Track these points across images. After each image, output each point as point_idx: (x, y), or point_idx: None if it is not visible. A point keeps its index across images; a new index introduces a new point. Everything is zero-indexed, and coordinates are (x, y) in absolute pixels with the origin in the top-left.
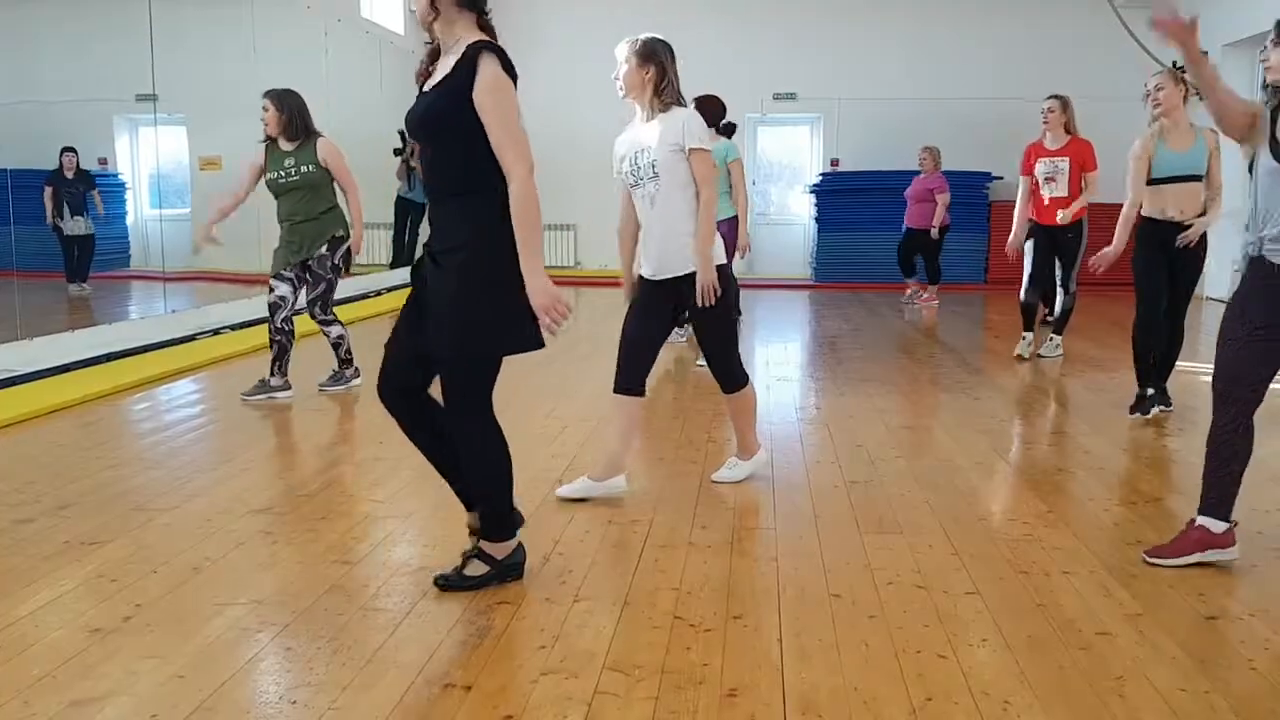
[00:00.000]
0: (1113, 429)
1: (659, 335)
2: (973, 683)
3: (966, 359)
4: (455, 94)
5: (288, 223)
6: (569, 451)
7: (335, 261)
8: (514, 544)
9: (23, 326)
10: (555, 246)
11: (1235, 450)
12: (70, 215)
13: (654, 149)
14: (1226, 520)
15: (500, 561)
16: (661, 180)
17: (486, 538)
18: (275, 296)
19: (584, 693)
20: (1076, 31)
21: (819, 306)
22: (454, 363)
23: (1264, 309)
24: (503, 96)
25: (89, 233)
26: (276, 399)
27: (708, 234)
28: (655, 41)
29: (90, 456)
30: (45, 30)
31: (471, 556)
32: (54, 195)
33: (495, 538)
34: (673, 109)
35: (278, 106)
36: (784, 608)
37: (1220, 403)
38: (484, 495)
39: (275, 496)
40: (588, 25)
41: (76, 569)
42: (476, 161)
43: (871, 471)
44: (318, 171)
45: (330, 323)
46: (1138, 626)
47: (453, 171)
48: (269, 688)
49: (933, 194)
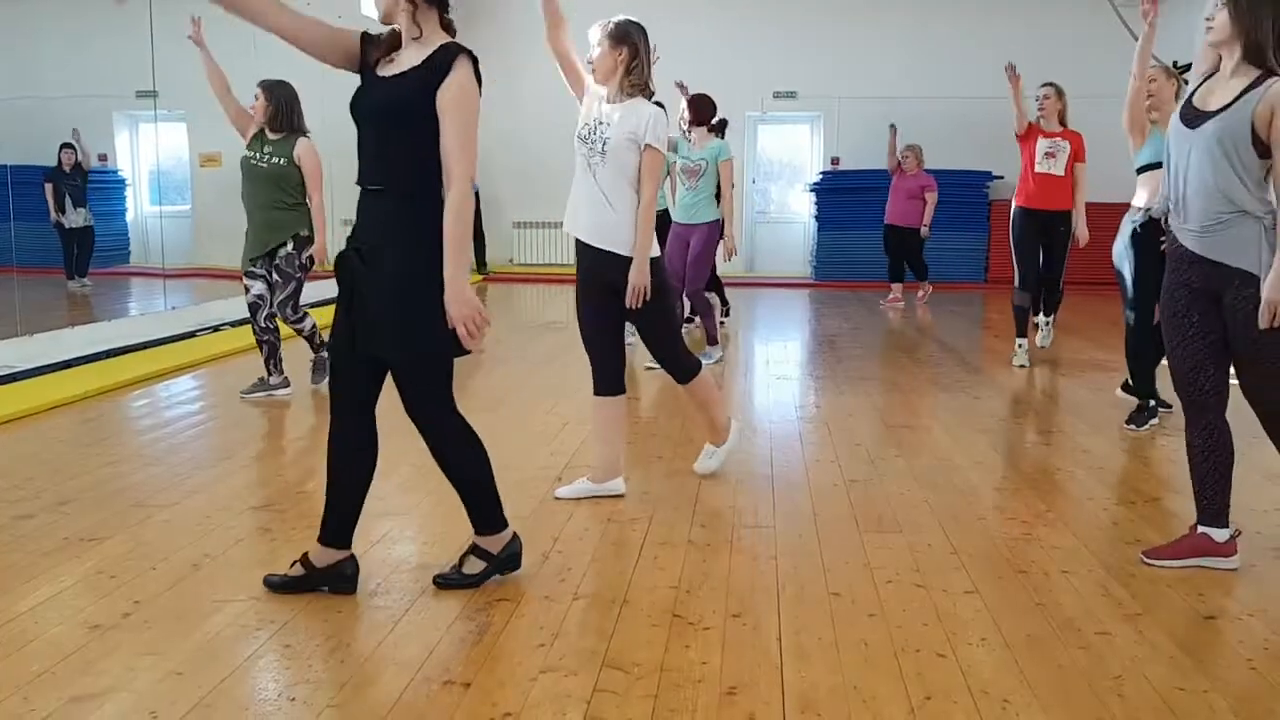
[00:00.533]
0: (1111, 428)
1: (614, 328)
2: (972, 681)
3: (966, 358)
4: (424, 89)
5: (251, 209)
6: (568, 449)
7: (301, 260)
8: (509, 535)
9: (23, 323)
10: (549, 246)
11: (1217, 454)
12: (73, 207)
13: (611, 129)
14: (1226, 527)
15: (497, 555)
16: (608, 161)
17: (479, 532)
18: (253, 296)
19: (583, 690)
20: (1076, 31)
21: (818, 305)
22: (405, 363)
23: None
24: (467, 103)
25: (88, 224)
26: (276, 396)
27: (646, 237)
28: (629, 23)
29: (90, 453)
30: (46, 27)
31: (468, 554)
32: (54, 191)
33: (487, 530)
34: (638, 99)
35: (267, 97)
36: (783, 606)
37: (1188, 411)
38: (471, 488)
39: (275, 493)
40: (586, 24)
41: (76, 565)
42: (425, 160)
43: (871, 470)
44: (289, 166)
45: (300, 319)
46: (1136, 626)
47: (401, 167)
48: (268, 685)
49: (923, 191)
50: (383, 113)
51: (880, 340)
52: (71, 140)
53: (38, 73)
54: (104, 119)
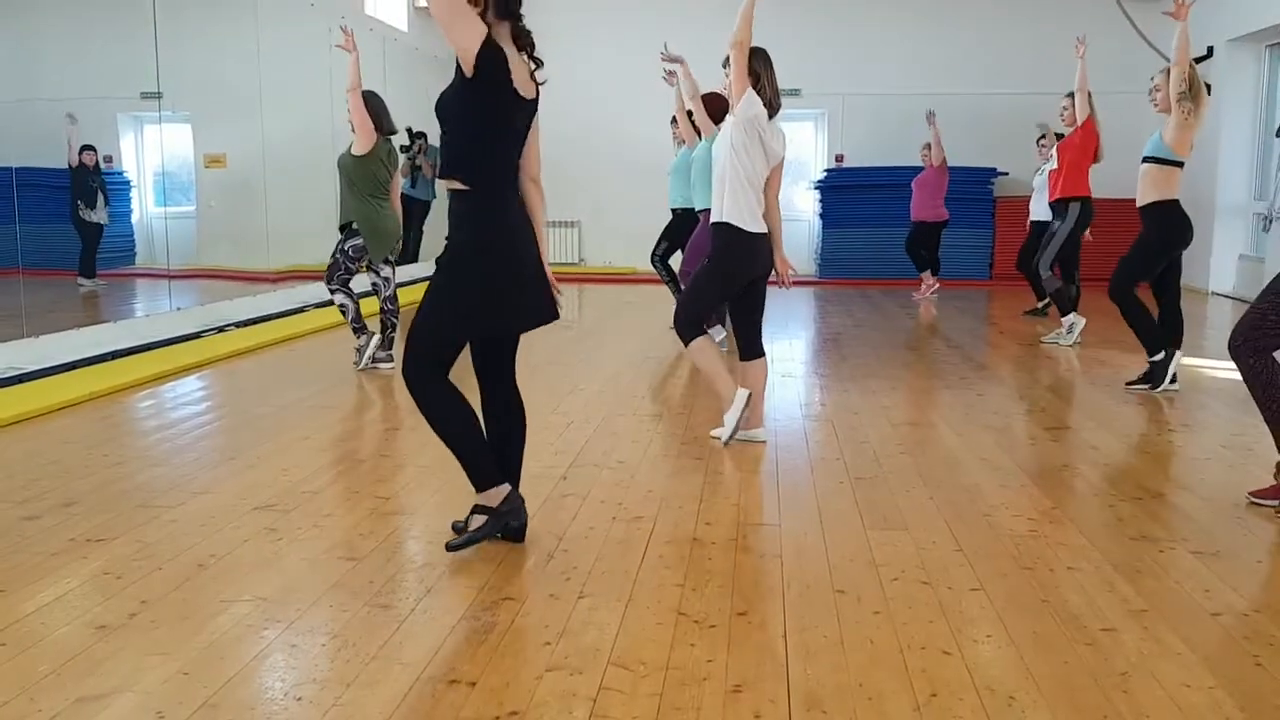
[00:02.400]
0: (1117, 424)
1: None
2: (977, 678)
3: (971, 355)
4: (455, 88)
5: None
6: (572, 449)
7: (344, 248)
8: (505, 490)
9: (29, 324)
10: (560, 243)
11: (1275, 383)
12: (102, 204)
13: None
14: None
15: (496, 509)
16: None
17: (476, 490)
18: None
19: (588, 689)
20: (1081, 26)
21: (823, 302)
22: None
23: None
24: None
25: (105, 222)
26: (379, 369)
27: None
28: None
29: (96, 454)
30: (50, 28)
31: (471, 513)
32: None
33: (483, 486)
34: None
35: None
36: (788, 604)
37: (1237, 356)
38: (454, 449)
39: (280, 493)
40: (592, 24)
41: (82, 566)
42: (471, 155)
43: (876, 468)
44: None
45: (340, 291)
46: (1143, 622)
47: (448, 157)
48: (274, 684)
49: (939, 177)
50: (438, 113)
51: (885, 338)
52: (89, 142)
53: (41, 75)
54: (108, 120)
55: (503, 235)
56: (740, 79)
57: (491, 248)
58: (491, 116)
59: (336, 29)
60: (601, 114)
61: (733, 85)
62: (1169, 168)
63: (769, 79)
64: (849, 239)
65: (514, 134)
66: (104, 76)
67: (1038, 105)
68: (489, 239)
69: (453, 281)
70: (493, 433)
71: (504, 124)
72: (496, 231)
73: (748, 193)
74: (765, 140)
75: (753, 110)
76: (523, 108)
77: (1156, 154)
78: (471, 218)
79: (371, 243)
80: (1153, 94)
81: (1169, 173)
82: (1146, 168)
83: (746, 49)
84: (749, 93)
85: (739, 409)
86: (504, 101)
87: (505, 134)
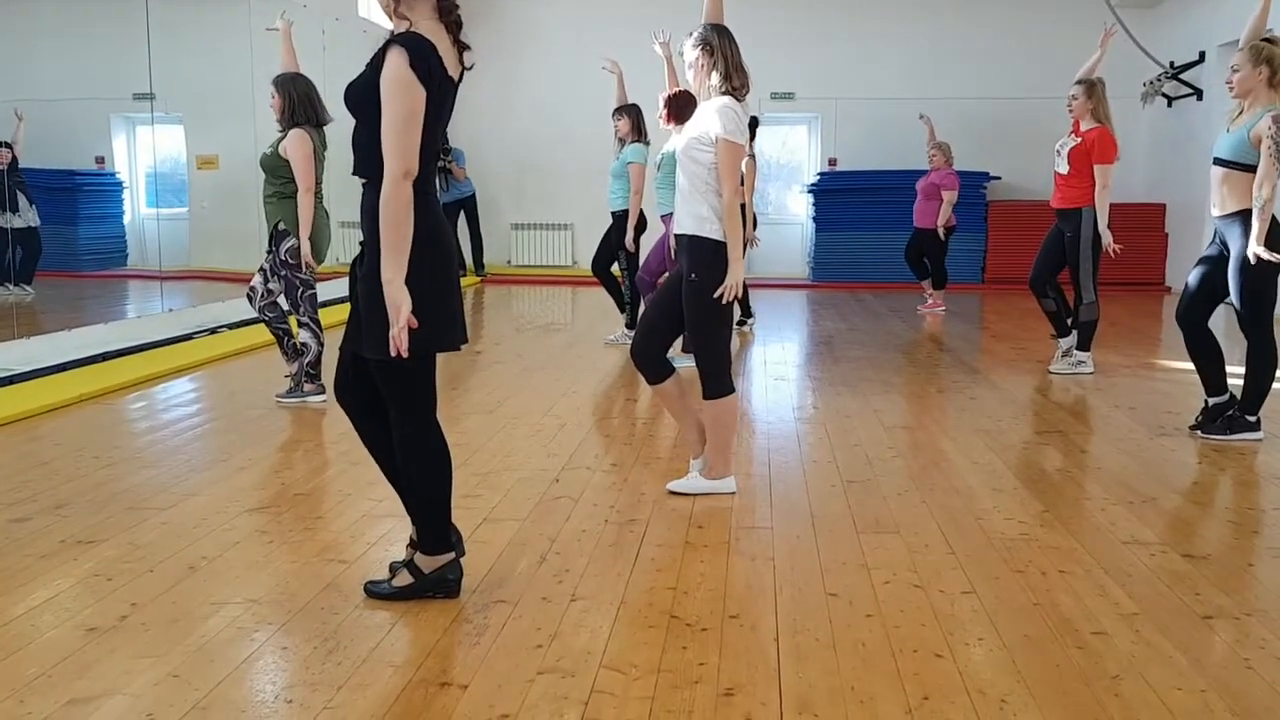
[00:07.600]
0: (1109, 428)
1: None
2: (969, 682)
3: (964, 359)
4: (368, 79)
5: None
6: (566, 450)
7: (283, 257)
8: (447, 559)
9: (19, 325)
10: (551, 246)
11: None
12: (27, 205)
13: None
14: None
15: (426, 575)
16: None
17: (420, 549)
18: (249, 286)
19: (580, 692)
20: (1074, 30)
21: (816, 306)
22: (378, 364)
23: None
24: (394, 91)
25: (33, 225)
26: (309, 403)
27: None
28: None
29: (86, 456)
30: (42, 29)
31: (401, 566)
32: None
33: (427, 550)
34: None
35: (277, 91)
36: (781, 607)
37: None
38: (417, 503)
39: (271, 495)
40: (584, 26)
41: (73, 568)
42: (379, 151)
43: (869, 471)
44: (274, 158)
45: (302, 326)
46: (1134, 625)
47: (359, 154)
48: (265, 687)
49: (939, 190)
50: (346, 100)
51: (878, 341)
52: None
53: (33, 75)
54: (101, 121)
55: (441, 229)
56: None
57: (432, 243)
58: (430, 109)
59: (330, 30)
60: (593, 117)
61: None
62: (1249, 174)
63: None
64: (842, 243)
65: (445, 119)
66: (96, 77)
67: (1030, 110)
68: (429, 235)
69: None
70: (389, 470)
71: (440, 113)
72: (436, 221)
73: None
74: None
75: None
76: (453, 88)
77: (1237, 158)
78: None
79: (313, 242)
80: (1230, 79)
81: (1249, 179)
82: (1225, 172)
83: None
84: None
85: (714, 489)
86: (445, 94)
87: (440, 121)
